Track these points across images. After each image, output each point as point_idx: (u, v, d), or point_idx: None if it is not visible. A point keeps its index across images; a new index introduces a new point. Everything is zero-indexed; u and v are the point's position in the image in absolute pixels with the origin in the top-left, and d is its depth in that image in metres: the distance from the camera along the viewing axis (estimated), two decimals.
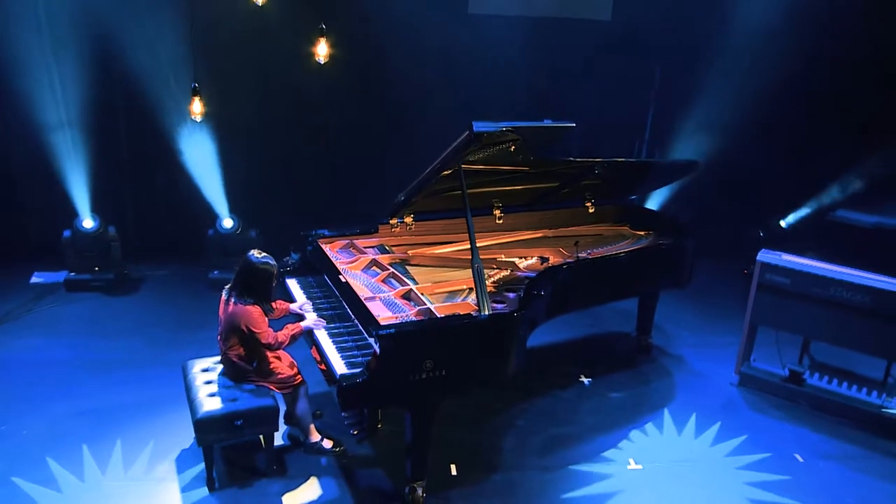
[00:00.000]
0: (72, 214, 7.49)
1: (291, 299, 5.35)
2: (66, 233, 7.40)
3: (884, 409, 5.65)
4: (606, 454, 5.27)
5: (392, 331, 4.20)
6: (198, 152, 7.67)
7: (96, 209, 7.54)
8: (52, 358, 6.17)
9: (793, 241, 7.90)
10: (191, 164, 7.73)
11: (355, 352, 4.62)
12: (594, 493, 4.83)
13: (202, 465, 4.72)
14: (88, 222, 7.41)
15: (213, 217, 7.74)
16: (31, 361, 6.10)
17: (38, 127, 7.35)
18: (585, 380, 6.30)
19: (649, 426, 5.66)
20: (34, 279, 7.59)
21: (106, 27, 7.26)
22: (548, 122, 4.78)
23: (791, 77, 8.06)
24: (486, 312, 4.45)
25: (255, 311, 4.64)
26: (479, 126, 4.38)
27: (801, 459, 5.31)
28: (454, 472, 4.96)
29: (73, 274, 7.45)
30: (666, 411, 5.88)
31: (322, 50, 5.47)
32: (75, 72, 7.28)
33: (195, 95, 5.08)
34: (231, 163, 7.77)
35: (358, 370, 4.32)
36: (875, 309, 5.55)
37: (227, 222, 7.67)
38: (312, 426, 5.03)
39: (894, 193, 8.12)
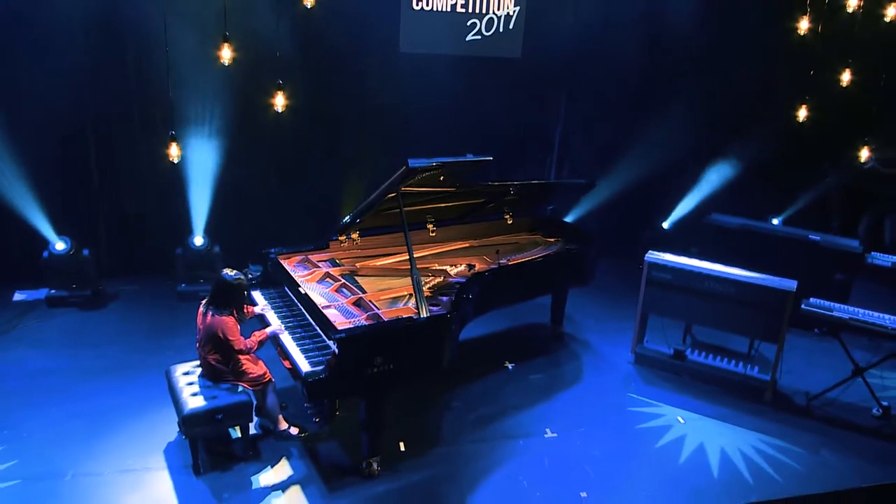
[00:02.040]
0: (48, 238, 7.51)
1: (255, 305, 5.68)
2: (45, 254, 7.39)
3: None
4: (528, 426, 5.71)
5: (348, 334, 4.61)
6: (166, 182, 7.79)
7: (70, 232, 7.54)
8: (43, 368, 6.22)
9: (676, 241, 8.46)
10: (159, 192, 7.86)
11: (316, 352, 4.96)
12: (518, 459, 5.29)
13: (187, 455, 4.96)
14: (60, 245, 7.43)
15: (181, 236, 7.82)
16: (23, 372, 6.14)
17: (15, 156, 7.37)
18: (510, 365, 6.68)
19: (563, 401, 6.13)
20: (17, 297, 7.56)
21: (83, 63, 7.33)
22: (469, 157, 5.23)
23: (671, 100, 8.63)
24: (424, 315, 4.86)
25: (229, 321, 4.96)
26: (413, 162, 4.82)
27: (682, 421, 5.92)
28: (402, 448, 5.32)
29: (53, 291, 7.46)
30: (576, 387, 6.39)
31: (280, 101, 5.82)
32: (53, 106, 7.28)
33: (172, 141, 5.35)
34: (198, 189, 7.89)
35: (320, 368, 4.68)
36: (739, 297, 6.19)
37: (198, 240, 7.78)
38: (280, 416, 5.33)
39: (755, 199, 8.87)
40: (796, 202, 9.08)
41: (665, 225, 9.23)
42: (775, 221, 8.81)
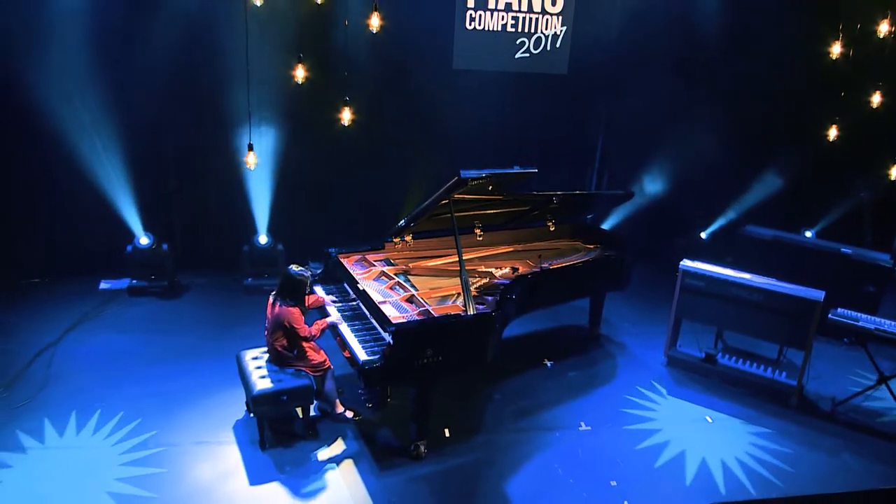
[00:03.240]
0: (132, 233, 7.99)
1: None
2: (129, 248, 7.89)
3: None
4: (564, 419, 5.93)
5: (402, 327, 4.92)
6: (235, 186, 8.25)
7: (152, 229, 8.04)
8: (124, 350, 6.66)
9: (713, 250, 8.50)
10: (229, 195, 8.29)
11: (372, 343, 5.27)
12: (553, 449, 5.53)
13: (254, 432, 5.35)
14: (144, 240, 7.92)
15: (249, 235, 8.24)
16: (108, 353, 6.59)
17: (107, 165, 7.89)
18: (548, 363, 6.89)
19: (597, 397, 6.33)
20: (102, 285, 8.03)
21: (174, 79, 7.81)
22: (516, 169, 5.47)
23: (708, 116, 8.75)
24: (471, 312, 5.13)
25: (295, 311, 5.32)
26: (465, 173, 5.09)
27: (710, 420, 6.07)
28: (447, 434, 5.60)
29: (134, 281, 7.92)
30: (610, 385, 6.57)
31: (346, 115, 6.18)
32: (144, 115, 7.84)
33: (250, 150, 5.75)
34: (263, 192, 8.30)
35: (376, 357, 5.00)
36: (768, 305, 6.30)
37: (263, 238, 8.19)
38: (337, 400, 5.66)
39: (790, 213, 8.93)
40: (830, 216, 9.10)
41: (703, 235, 9.32)
42: (809, 234, 8.84)
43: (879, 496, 5.23)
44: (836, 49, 6.72)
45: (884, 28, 6.68)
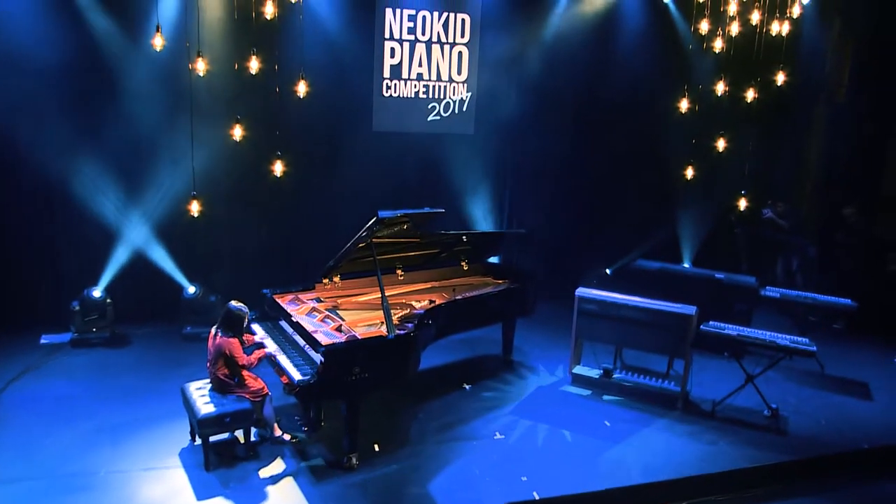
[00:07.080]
0: (77, 288, 8.24)
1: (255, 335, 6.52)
2: (75, 303, 8.11)
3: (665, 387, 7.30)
4: (480, 431, 6.52)
5: (332, 347, 5.49)
6: (172, 239, 8.69)
7: (94, 283, 8.32)
8: (72, 392, 6.88)
9: (614, 283, 9.45)
10: (168, 247, 8.74)
11: (306, 366, 5.79)
12: (472, 455, 6.09)
13: (199, 457, 5.71)
14: (97, 292, 8.21)
15: (183, 286, 8.63)
16: (55, 396, 6.80)
17: (43, 223, 8.30)
18: (467, 386, 7.47)
19: (511, 412, 6.95)
20: (43, 340, 8.18)
21: (118, 140, 8.34)
22: (427, 209, 6.26)
23: (595, 163, 9.91)
24: (393, 334, 5.81)
25: (234, 342, 5.83)
26: (382, 213, 5.81)
27: (608, 424, 6.78)
28: (377, 448, 6.08)
29: (76, 334, 8.13)
30: (522, 402, 7.20)
31: (278, 168, 6.87)
32: (82, 178, 8.31)
33: (195, 199, 6.34)
34: (196, 246, 8.78)
35: (309, 376, 5.55)
36: (651, 321, 7.13)
37: (191, 289, 8.56)
38: (276, 424, 6.09)
39: (667, 249, 10.05)
40: (696, 247, 10.29)
41: (608, 270, 10.21)
42: (686, 265, 9.93)
43: (747, 472, 6.08)
44: (683, 104, 7.97)
45: (720, 87, 8.00)
